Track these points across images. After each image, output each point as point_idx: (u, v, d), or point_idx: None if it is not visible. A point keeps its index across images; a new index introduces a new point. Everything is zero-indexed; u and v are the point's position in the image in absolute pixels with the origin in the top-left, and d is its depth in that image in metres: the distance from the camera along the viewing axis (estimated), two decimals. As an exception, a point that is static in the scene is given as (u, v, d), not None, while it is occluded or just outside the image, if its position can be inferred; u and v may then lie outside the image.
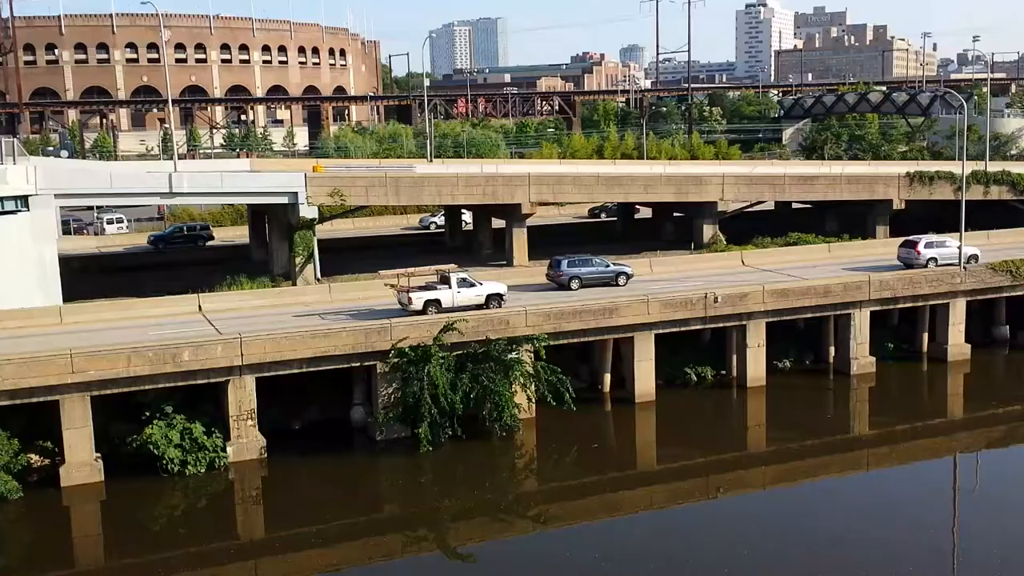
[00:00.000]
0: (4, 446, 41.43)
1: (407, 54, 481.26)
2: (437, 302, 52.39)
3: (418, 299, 52.22)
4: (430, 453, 46.47)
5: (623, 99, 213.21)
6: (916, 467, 49.36)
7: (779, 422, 53.47)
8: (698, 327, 55.97)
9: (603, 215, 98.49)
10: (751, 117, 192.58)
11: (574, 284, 59.64)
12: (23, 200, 56.10)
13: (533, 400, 50.65)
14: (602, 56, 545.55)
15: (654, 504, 44.50)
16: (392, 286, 54.77)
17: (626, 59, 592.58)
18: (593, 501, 44.02)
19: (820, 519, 41.85)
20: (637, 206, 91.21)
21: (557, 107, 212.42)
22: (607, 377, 55.66)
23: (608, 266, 61.45)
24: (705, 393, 56.57)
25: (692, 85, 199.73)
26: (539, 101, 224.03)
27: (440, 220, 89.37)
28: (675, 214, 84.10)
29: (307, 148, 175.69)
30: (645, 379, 54.17)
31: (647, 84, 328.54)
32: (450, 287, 53.07)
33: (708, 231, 76.63)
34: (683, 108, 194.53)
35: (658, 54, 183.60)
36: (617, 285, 60.53)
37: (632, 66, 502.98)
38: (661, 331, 54.30)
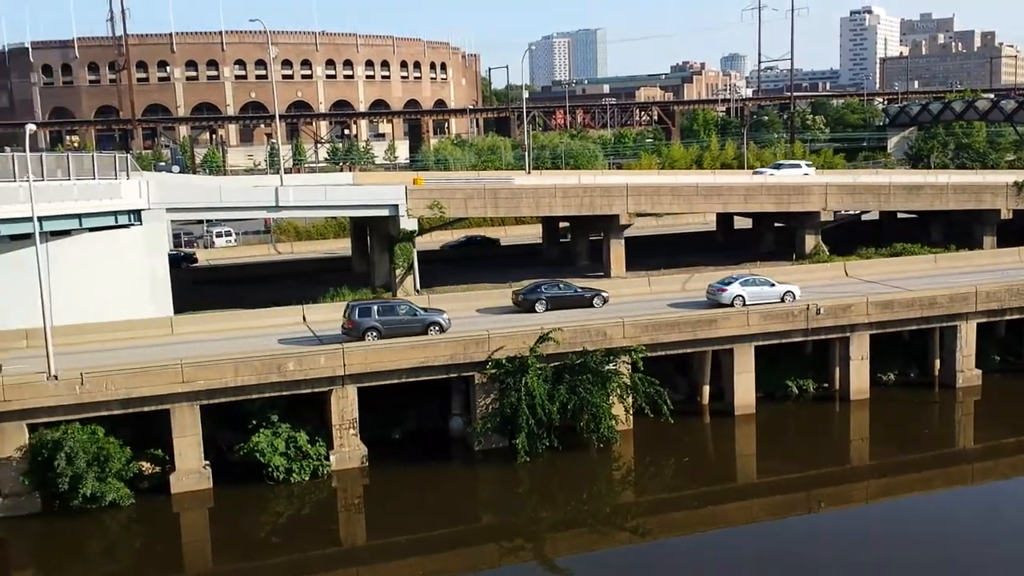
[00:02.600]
0: (116, 454, 42.82)
1: (506, 67, 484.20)
2: None
3: None
4: (527, 464, 46.64)
5: (723, 108, 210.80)
6: (1022, 481, 47.71)
7: (882, 436, 52.10)
8: (800, 339, 54.95)
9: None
10: (855, 125, 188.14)
11: None
12: (136, 214, 58.35)
13: (630, 412, 50.44)
14: (702, 65, 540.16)
15: (753, 517, 43.77)
16: None
17: (727, 68, 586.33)
18: (691, 514, 43.59)
19: (924, 534, 40.63)
20: (736, 216, 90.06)
21: (656, 117, 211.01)
22: (706, 389, 55.05)
23: None
24: (806, 406, 55.50)
25: (795, 93, 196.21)
26: (638, 111, 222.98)
27: None
28: (776, 224, 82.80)
29: (408, 161, 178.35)
30: (745, 391, 53.46)
31: (748, 93, 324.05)
32: None
33: (810, 241, 75.28)
34: (785, 117, 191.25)
35: (760, 62, 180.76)
36: None
37: (733, 75, 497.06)
38: (761, 343, 53.55)
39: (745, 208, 77.93)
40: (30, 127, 48.59)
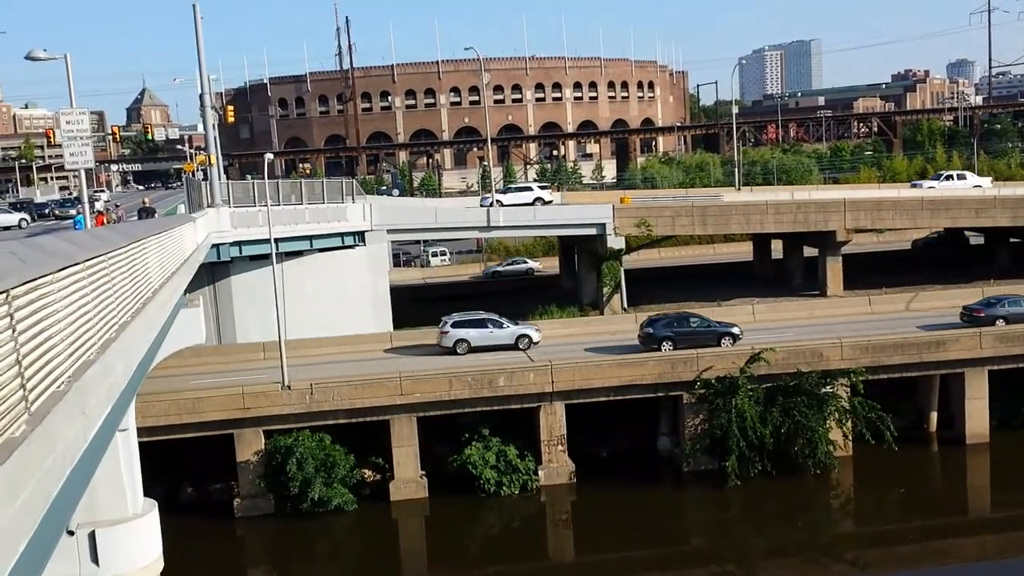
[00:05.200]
0: (341, 460, 45.11)
1: (715, 82, 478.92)
2: None
3: None
4: (738, 487, 45.48)
5: (951, 117, 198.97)
6: None
7: None
8: (1039, 363, 50.96)
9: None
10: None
11: None
12: (360, 235, 61.59)
13: (849, 437, 48.30)
14: (926, 73, 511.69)
15: (986, 554, 40.96)
16: None
17: (953, 75, 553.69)
18: (916, 548, 41.22)
19: None
20: (967, 232, 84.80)
21: (876, 129, 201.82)
22: (933, 416, 51.97)
23: None
24: (1048, 437, 51.31)
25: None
26: (856, 123, 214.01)
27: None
28: (1012, 240, 77.32)
29: (615, 180, 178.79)
30: (977, 419, 50.06)
31: (978, 100, 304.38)
32: None
33: (1051, 258, 69.92)
34: (1020, 125, 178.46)
35: (991, 67, 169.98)
36: None
37: (961, 82, 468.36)
38: (996, 367, 50.03)
39: (976, 223, 73.32)
40: (268, 156, 52.54)
